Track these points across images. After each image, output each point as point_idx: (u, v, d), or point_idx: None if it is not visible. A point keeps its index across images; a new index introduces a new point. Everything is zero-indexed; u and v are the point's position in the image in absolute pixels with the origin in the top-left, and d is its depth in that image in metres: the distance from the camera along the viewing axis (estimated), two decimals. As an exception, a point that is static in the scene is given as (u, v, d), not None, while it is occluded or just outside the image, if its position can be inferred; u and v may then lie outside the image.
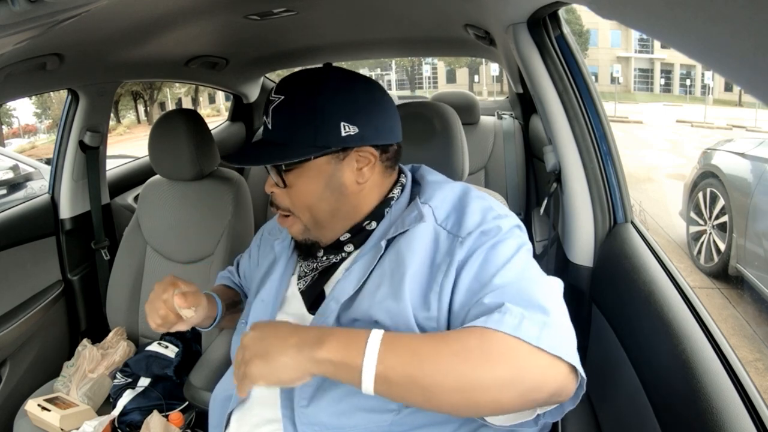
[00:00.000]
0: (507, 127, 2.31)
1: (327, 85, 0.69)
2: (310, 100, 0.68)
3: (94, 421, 1.15)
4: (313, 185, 0.70)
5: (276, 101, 0.69)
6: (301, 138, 0.68)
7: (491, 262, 0.63)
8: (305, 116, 0.68)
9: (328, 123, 0.67)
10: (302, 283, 0.77)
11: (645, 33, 0.38)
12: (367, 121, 0.69)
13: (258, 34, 1.54)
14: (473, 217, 0.67)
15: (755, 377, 0.62)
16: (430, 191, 0.73)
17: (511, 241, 0.66)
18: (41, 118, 15.69)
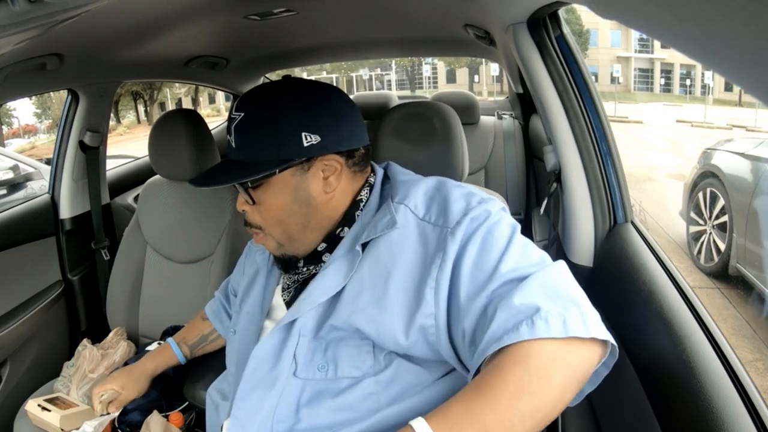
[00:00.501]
0: (507, 127, 2.31)
1: (284, 97, 0.68)
2: (269, 114, 0.67)
3: (94, 421, 1.15)
4: (280, 200, 0.70)
5: (237, 119, 0.68)
6: (264, 153, 0.67)
7: (490, 249, 0.61)
8: (266, 131, 0.67)
9: (289, 135, 0.67)
10: (286, 294, 0.77)
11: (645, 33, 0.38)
12: (329, 129, 0.68)
13: (258, 34, 1.54)
14: (457, 204, 0.66)
15: (755, 377, 0.62)
16: (404, 190, 0.71)
17: (503, 223, 0.64)
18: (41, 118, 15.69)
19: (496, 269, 0.59)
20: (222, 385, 0.86)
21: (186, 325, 1.13)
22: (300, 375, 0.66)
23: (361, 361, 0.64)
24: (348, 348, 0.65)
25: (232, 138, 0.69)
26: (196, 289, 1.41)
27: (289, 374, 0.67)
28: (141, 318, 1.47)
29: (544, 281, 0.57)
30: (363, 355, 0.65)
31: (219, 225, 1.41)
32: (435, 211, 0.67)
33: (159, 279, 1.46)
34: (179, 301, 1.43)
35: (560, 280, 0.59)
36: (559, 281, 0.59)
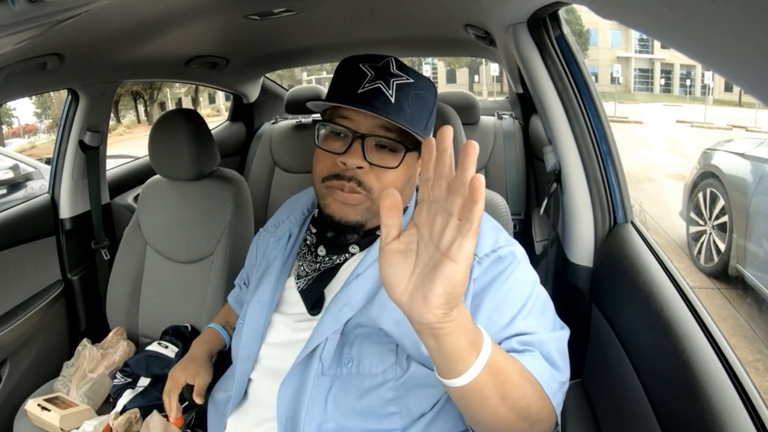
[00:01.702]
0: (507, 127, 2.31)
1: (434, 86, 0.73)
2: (432, 97, 0.72)
3: (94, 421, 1.15)
4: (407, 175, 0.71)
5: (403, 79, 0.69)
6: (419, 126, 0.69)
7: (511, 297, 0.66)
8: (428, 109, 0.71)
9: (431, 120, 0.72)
10: (302, 282, 0.76)
11: (645, 33, 0.38)
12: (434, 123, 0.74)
13: (258, 34, 1.54)
14: (488, 237, 0.69)
15: (755, 377, 0.62)
16: None
17: (527, 274, 0.69)
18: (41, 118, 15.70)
19: (513, 321, 0.64)
20: (226, 384, 0.86)
21: (220, 312, 1.13)
22: (328, 373, 0.67)
23: (384, 358, 0.66)
24: (372, 345, 0.67)
25: (390, 92, 0.67)
26: (196, 289, 1.41)
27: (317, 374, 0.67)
28: (141, 318, 1.47)
29: (543, 341, 0.64)
30: (385, 352, 0.66)
31: (219, 225, 1.41)
32: None
33: (159, 279, 1.46)
34: (179, 301, 1.43)
35: (556, 348, 0.66)
36: (557, 350, 0.65)
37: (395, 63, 0.70)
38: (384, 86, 0.67)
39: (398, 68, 0.69)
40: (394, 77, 0.68)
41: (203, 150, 1.38)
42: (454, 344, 0.48)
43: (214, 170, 1.46)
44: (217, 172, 1.46)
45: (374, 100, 0.66)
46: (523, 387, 0.56)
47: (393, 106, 0.66)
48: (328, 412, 0.66)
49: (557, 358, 0.64)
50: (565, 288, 1.12)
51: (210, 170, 1.43)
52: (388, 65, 0.69)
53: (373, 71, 0.68)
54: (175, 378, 0.94)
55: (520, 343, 0.63)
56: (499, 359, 0.53)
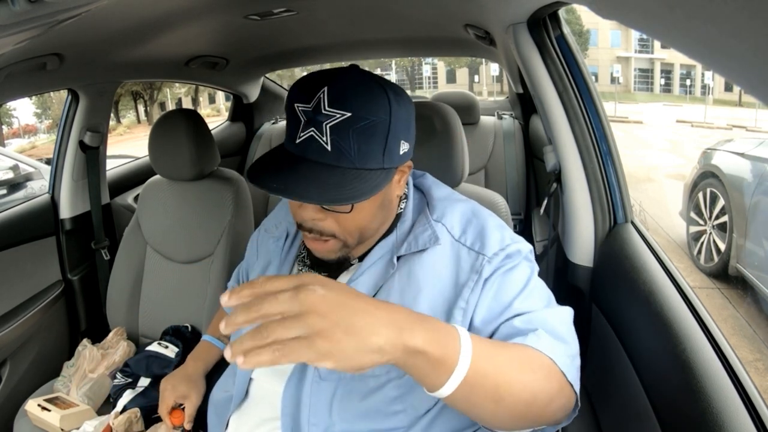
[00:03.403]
0: (507, 127, 2.31)
1: (393, 100, 0.62)
2: (384, 120, 0.60)
3: (94, 421, 1.15)
4: (370, 208, 0.66)
5: (336, 118, 0.58)
6: (371, 160, 0.61)
7: (510, 285, 0.65)
8: (378, 138, 0.61)
9: (394, 142, 0.62)
10: None
11: (645, 33, 0.38)
12: (413, 134, 0.68)
13: (258, 34, 1.54)
14: (494, 235, 0.68)
15: (755, 377, 0.62)
16: (441, 208, 0.72)
17: (526, 265, 0.68)
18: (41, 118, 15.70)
19: (511, 305, 0.63)
20: (226, 383, 0.86)
21: (213, 320, 1.12)
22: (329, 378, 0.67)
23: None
24: None
25: (325, 138, 0.59)
26: (196, 289, 1.41)
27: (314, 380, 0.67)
28: (141, 318, 1.47)
29: (546, 317, 0.62)
30: None
31: (219, 225, 1.41)
32: (471, 235, 0.69)
33: (159, 279, 1.46)
34: (179, 301, 1.43)
35: (560, 321, 0.64)
36: (559, 322, 0.63)
37: (327, 97, 0.59)
38: (317, 133, 0.59)
39: (331, 103, 0.59)
40: (327, 118, 0.59)
41: (203, 150, 1.38)
42: (413, 369, 0.48)
43: (214, 170, 1.46)
44: (217, 172, 1.46)
45: (309, 152, 0.60)
46: (522, 379, 0.54)
47: (330, 154, 0.59)
48: (334, 417, 0.66)
49: (563, 331, 0.62)
50: (565, 288, 1.12)
51: (210, 170, 1.43)
52: (319, 104, 0.59)
53: (305, 116, 0.60)
54: (165, 397, 0.93)
55: (523, 322, 0.61)
56: (486, 366, 0.50)
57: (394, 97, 0.62)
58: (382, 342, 0.44)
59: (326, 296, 0.44)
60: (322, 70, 0.63)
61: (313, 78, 0.62)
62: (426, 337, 0.47)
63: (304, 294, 0.43)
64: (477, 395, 0.51)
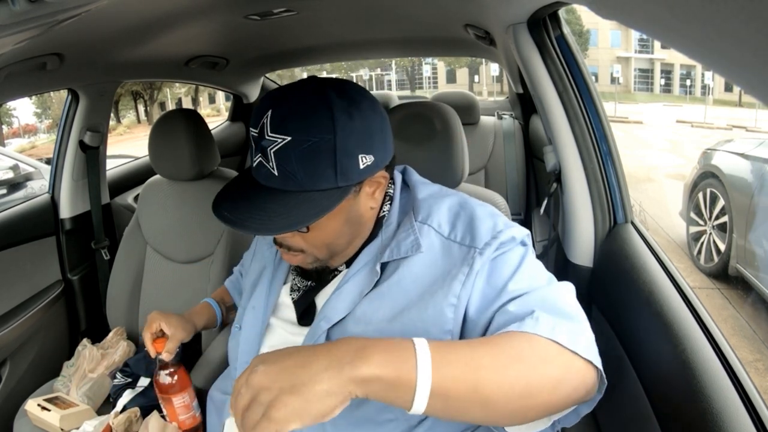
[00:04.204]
0: (507, 127, 2.31)
1: (338, 116, 0.59)
2: (325, 140, 0.58)
3: (94, 421, 1.15)
4: (333, 226, 0.65)
5: (278, 143, 0.58)
6: (321, 181, 0.59)
7: (502, 268, 0.62)
8: (324, 158, 0.59)
9: (347, 159, 0.60)
10: (295, 294, 0.75)
11: (645, 33, 0.38)
12: (379, 144, 0.64)
13: (258, 34, 1.54)
14: (484, 224, 0.65)
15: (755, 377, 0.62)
16: (426, 208, 0.69)
17: (520, 248, 0.65)
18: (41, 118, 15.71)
19: (505, 288, 0.60)
20: (225, 385, 0.86)
21: (217, 291, 1.08)
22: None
23: None
24: None
25: (271, 163, 0.59)
26: (196, 289, 1.41)
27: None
28: (141, 318, 1.47)
29: (544, 296, 0.59)
30: None
31: (219, 225, 1.40)
32: (461, 229, 0.66)
33: (159, 279, 1.46)
34: (179, 301, 1.43)
35: (560, 297, 0.60)
36: (562, 299, 0.60)
37: (270, 122, 0.59)
38: (263, 159, 0.60)
39: (273, 127, 0.59)
40: (271, 143, 0.58)
41: (203, 150, 1.38)
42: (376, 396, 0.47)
43: (214, 170, 1.46)
44: (217, 172, 1.46)
45: (261, 177, 0.62)
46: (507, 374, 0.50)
47: (278, 179, 0.59)
48: (326, 426, 0.65)
49: (565, 306, 0.58)
50: (565, 288, 1.12)
51: (210, 170, 1.43)
52: (263, 129, 0.60)
53: (254, 142, 0.61)
54: (150, 319, 0.88)
55: (518, 305, 0.58)
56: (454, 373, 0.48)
57: (343, 111, 0.60)
58: (326, 386, 0.45)
59: (267, 370, 0.47)
60: (276, 90, 0.63)
61: (263, 101, 0.62)
62: (372, 363, 0.46)
63: (251, 378, 0.47)
64: (456, 403, 0.48)
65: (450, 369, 0.48)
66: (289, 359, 0.48)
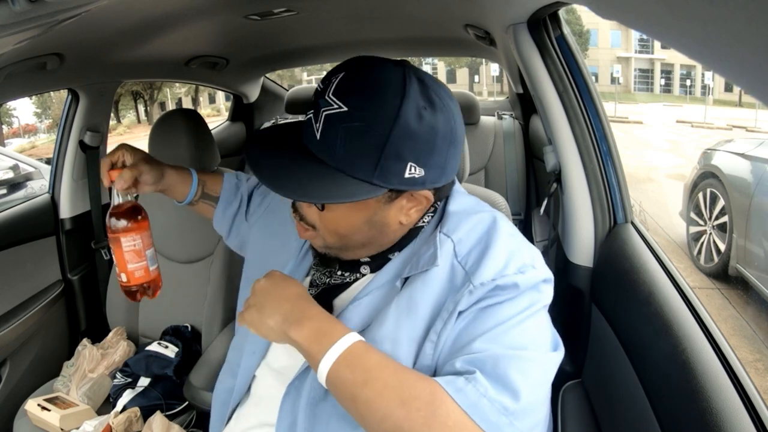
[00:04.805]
0: (507, 127, 2.31)
1: (405, 114, 0.53)
2: (382, 129, 0.53)
3: (94, 421, 1.15)
4: (353, 218, 0.60)
5: (334, 108, 0.54)
6: (357, 168, 0.55)
7: (484, 320, 0.56)
8: (370, 146, 0.54)
9: (394, 160, 0.54)
10: (313, 291, 0.72)
11: (645, 33, 0.38)
12: (437, 163, 0.57)
13: (258, 34, 1.54)
14: (494, 261, 0.58)
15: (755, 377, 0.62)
16: (454, 221, 0.63)
17: (524, 298, 0.57)
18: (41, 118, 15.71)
19: (473, 341, 0.55)
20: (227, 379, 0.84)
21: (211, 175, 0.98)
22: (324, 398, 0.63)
23: None
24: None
25: (317, 125, 0.55)
26: (196, 289, 1.41)
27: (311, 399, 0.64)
28: (141, 318, 1.47)
29: (504, 361, 0.53)
30: None
31: (219, 225, 1.40)
32: (474, 256, 0.60)
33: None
34: (179, 301, 1.43)
35: (525, 371, 0.53)
36: (521, 371, 0.53)
37: (336, 84, 0.55)
38: (314, 118, 0.56)
39: (335, 91, 0.54)
40: (327, 106, 0.54)
41: (203, 150, 1.38)
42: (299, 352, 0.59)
43: (215, 170, 1.46)
44: (217, 172, 1.46)
45: (304, 135, 0.58)
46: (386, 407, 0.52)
47: (317, 144, 0.56)
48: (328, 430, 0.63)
49: (517, 379, 0.52)
50: (565, 288, 1.12)
51: (210, 170, 1.43)
52: (326, 86, 0.55)
53: (314, 97, 0.57)
54: (116, 149, 0.81)
55: (465, 361, 0.53)
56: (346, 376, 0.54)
57: (413, 111, 0.54)
58: (272, 324, 0.59)
59: (262, 285, 0.63)
60: (365, 57, 0.59)
61: (349, 60, 0.58)
62: (301, 333, 0.57)
63: (255, 284, 0.63)
64: (340, 398, 0.56)
65: (345, 373, 0.55)
66: (276, 289, 0.62)
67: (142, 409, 1.20)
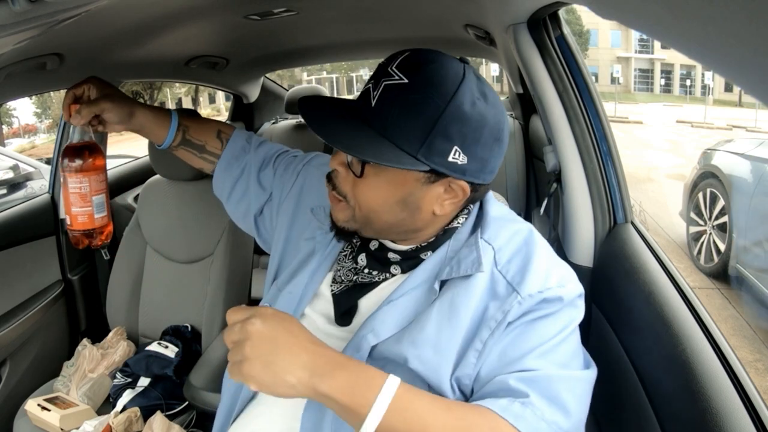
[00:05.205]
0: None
1: (461, 95, 0.56)
2: (437, 104, 0.55)
3: (94, 421, 1.15)
4: (388, 193, 0.60)
5: (395, 79, 0.56)
6: (405, 139, 0.56)
7: (532, 335, 0.58)
8: (423, 119, 0.56)
9: (441, 139, 0.56)
10: (336, 287, 0.70)
11: (645, 33, 0.38)
12: (481, 155, 0.59)
13: (258, 34, 1.54)
14: (538, 274, 0.59)
15: (755, 377, 0.62)
16: (494, 228, 0.64)
17: (565, 314, 0.59)
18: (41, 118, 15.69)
19: (524, 357, 0.56)
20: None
21: (198, 121, 0.90)
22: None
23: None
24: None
25: (375, 93, 0.57)
26: (196, 289, 1.41)
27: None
28: (141, 318, 1.47)
29: (555, 380, 0.55)
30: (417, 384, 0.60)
31: (219, 224, 1.40)
32: (515, 266, 0.61)
33: (159, 279, 1.46)
34: (179, 301, 1.43)
35: (574, 391, 0.56)
36: (571, 391, 0.56)
37: (401, 60, 0.58)
38: (373, 87, 0.58)
39: (400, 66, 0.57)
40: (388, 77, 0.57)
41: (203, 150, 1.38)
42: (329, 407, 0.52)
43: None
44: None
45: (359, 101, 0.60)
46: None
47: (370, 111, 0.57)
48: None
49: (568, 399, 0.54)
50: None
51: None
52: (390, 62, 0.59)
53: (378, 70, 0.60)
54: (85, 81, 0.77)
55: (519, 380, 0.54)
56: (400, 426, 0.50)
57: (468, 94, 0.57)
58: (294, 381, 0.50)
59: (261, 330, 0.51)
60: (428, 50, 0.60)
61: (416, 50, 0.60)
62: (335, 385, 0.50)
63: (247, 325, 0.51)
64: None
65: (398, 420, 0.50)
66: (283, 335, 0.51)
67: (142, 409, 1.20)
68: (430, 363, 0.58)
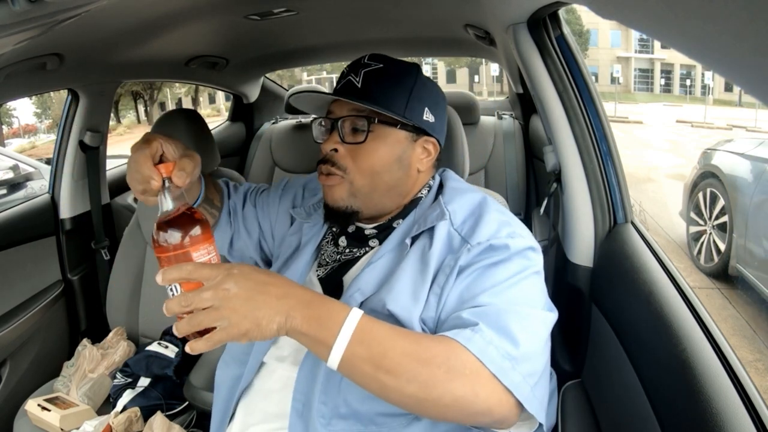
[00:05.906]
0: (507, 127, 2.31)
1: (420, 75, 0.75)
2: (408, 79, 0.74)
3: (94, 421, 1.15)
4: (387, 152, 0.73)
5: (372, 66, 0.73)
6: (393, 104, 0.71)
7: (485, 278, 0.64)
8: (402, 89, 0.73)
9: (416, 102, 0.73)
10: (321, 271, 0.77)
11: (645, 33, 0.38)
12: (440, 117, 0.77)
13: (258, 34, 1.54)
14: (488, 227, 0.68)
15: (755, 377, 0.62)
16: (451, 195, 0.76)
17: (515, 263, 0.65)
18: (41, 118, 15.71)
19: (476, 296, 0.63)
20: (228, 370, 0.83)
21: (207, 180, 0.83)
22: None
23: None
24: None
25: (357, 79, 0.73)
26: (196, 289, 1.41)
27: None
28: (141, 318, 1.47)
29: (504, 314, 0.60)
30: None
31: (219, 225, 1.40)
32: (468, 224, 0.71)
33: (159, 279, 1.46)
34: (179, 301, 1.43)
35: (523, 323, 0.61)
36: (520, 323, 0.60)
37: (369, 56, 0.75)
38: (353, 77, 0.73)
39: (371, 59, 0.74)
40: (364, 67, 0.73)
41: (203, 150, 1.38)
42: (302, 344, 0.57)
43: (214, 170, 1.46)
44: (217, 172, 1.46)
45: (343, 92, 0.73)
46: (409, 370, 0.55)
47: (359, 91, 0.72)
48: (342, 396, 0.66)
49: (516, 329, 0.59)
50: (565, 288, 1.12)
51: (210, 170, 1.43)
52: (361, 59, 0.75)
53: (348, 69, 0.75)
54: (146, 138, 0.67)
55: (471, 313, 0.61)
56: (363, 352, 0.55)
57: (423, 77, 0.76)
58: (275, 327, 0.55)
59: (237, 293, 0.54)
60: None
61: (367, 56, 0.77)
62: (305, 320, 0.55)
63: (221, 292, 0.53)
64: (358, 375, 0.56)
65: (361, 349, 0.55)
66: (256, 292, 0.55)
67: (143, 409, 1.20)
68: (404, 306, 0.65)
